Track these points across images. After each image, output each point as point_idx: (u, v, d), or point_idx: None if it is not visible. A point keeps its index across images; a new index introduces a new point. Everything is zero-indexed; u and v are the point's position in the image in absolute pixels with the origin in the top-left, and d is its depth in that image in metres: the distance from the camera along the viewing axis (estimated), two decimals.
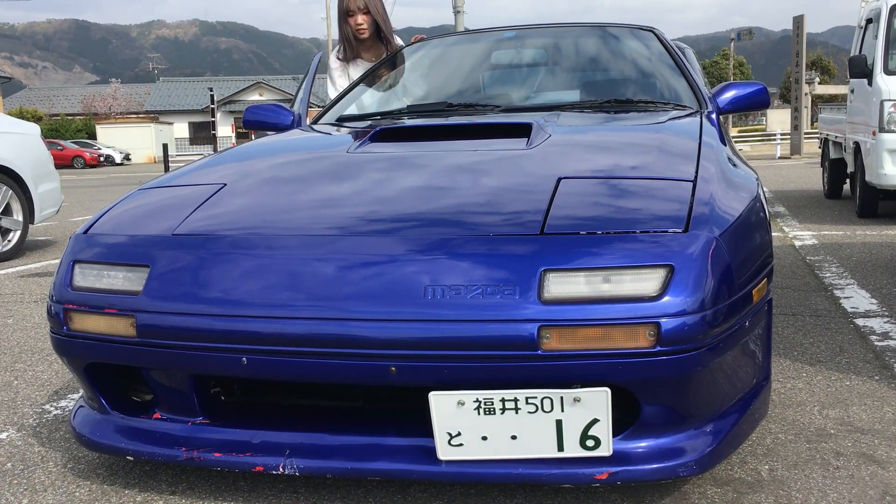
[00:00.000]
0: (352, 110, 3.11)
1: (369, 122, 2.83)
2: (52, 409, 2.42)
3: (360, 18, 3.67)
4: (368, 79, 3.38)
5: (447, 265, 1.57)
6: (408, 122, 2.73)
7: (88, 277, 1.78)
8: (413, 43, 3.69)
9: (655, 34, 3.22)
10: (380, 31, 3.74)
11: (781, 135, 22.11)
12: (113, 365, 1.79)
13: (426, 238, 1.66)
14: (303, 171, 2.21)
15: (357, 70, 3.75)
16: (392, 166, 2.11)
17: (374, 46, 3.79)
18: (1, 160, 5.66)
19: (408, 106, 3.05)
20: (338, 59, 3.80)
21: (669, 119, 2.48)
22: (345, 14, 3.69)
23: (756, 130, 37.43)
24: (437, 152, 2.19)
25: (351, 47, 3.74)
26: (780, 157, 19.95)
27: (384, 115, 2.99)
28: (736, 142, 23.28)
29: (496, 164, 2.05)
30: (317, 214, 1.86)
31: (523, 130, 2.22)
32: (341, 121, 3.01)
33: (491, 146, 2.19)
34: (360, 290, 1.57)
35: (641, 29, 3.30)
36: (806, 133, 20.23)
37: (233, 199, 1.98)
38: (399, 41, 3.88)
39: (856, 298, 3.57)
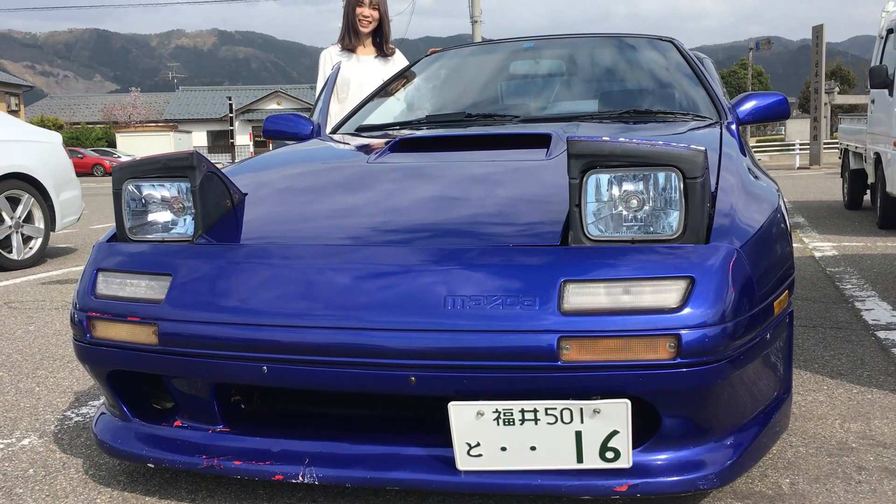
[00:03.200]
0: (370, 120, 3.13)
1: (388, 132, 2.84)
2: (74, 415, 2.44)
3: (368, 11, 3.97)
4: (387, 88, 3.40)
5: (467, 276, 1.58)
6: (427, 132, 2.74)
7: (111, 286, 1.79)
8: (430, 54, 3.74)
9: (675, 45, 3.22)
10: (379, 32, 4.03)
11: (801, 145, 21.97)
12: (135, 373, 1.80)
13: (446, 248, 1.67)
14: (324, 182, 2.23)
15: (351, 65, 3.97)
16: (412, 177, 2.12)
17: (370, 45, 4.07)
18: (23, 168, 5.74)
19: (426, 116, 3.06)
20: (339, 45, 4.05)
21: (689, 130, 2.47)
22: (355, 4, 3.96)
23: (775, 140, 37.21)
24: (458, 163, 2.20)
25: (357, 36, 4.00)
26: (799, 168, 19.84)
27: (403, 125, 3.01)
28: (755, 152, 23.11)
29: (516, 174, 2.05)
30: (339, 224, 1.87)
31: (543, 141, 2.22)
32: (360, 130, 3.03)
33: (511, 157, 2.20)
34: (380, 299, 1.57)
35: (661, 40, 3.29)
36: (825, 143, 20.10)
37: (254, 209, 2.00)
38: (397, 52, 4.13)
39: (877, 310, 3.54)
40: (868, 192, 7.77)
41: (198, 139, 46.59)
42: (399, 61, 4.10)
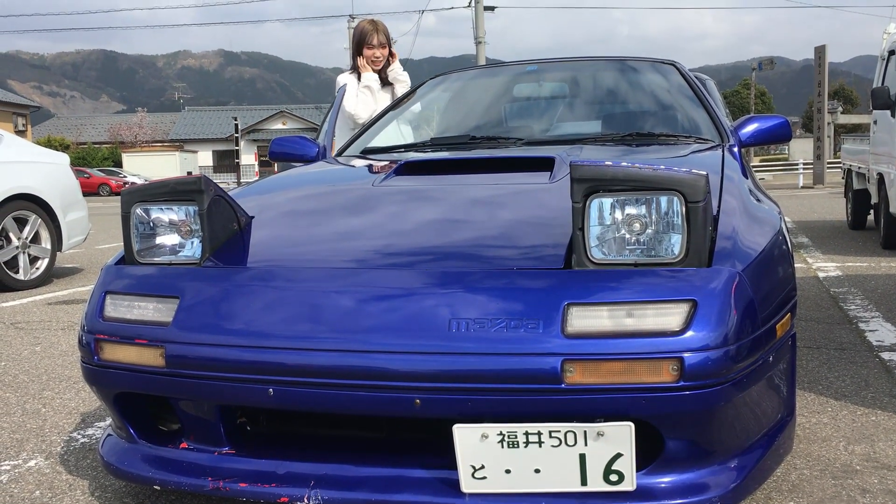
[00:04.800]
0: (376, 142, 3.16)
1: (393, 155, 2.87)
2: (80, 436, 2.45)
3: (379, 52, 4.10)
4: (392, 111, 3.43)
5: (471, 299, 1.59)
6: (432, 155, 2.77)
7: (119, 308, 1.81)
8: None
9: (677, 67, 3.25)
10: (386, 65, 4.18)
11: (804, 164, 22.01)
12: (142, 395, 1.82)
13: (450, 271, 1.68)
14: (329, 205, 2.25)
15: (368, 91, 4.11)
16: (417, 200, 2.14)
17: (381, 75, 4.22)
18: (30, 189, 5.78)
19: (431, 139, 3.09)
20: (355, 75, 4.20)
21: (691, 152, 2.49)
22: (363, 45, 4.09)
23: (778, 160, 37.26)
24: (462, 186, 2.22)
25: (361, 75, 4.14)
26: (802, 187, 19.85)
27: (408, 147, 3.03)
28: (758, 171, 23.16)
29: (520, 198, 2.07)
30: (345, 247, 1.89)
31: (546, 164, 2.24)
32: (365, 153, 3.05)
33: (515, 180, 2.22)
34: (385, 322, 1.59)
35: (663, 63, 3.33)
36: (829, 163, 20.14)
37: (261, 232, 2.02)
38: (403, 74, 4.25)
39: (881, 331, 3.54)
40: (872, 212, 7.78)
41: (203, 159, 46.83)
42: (403, 83, 4.16)
